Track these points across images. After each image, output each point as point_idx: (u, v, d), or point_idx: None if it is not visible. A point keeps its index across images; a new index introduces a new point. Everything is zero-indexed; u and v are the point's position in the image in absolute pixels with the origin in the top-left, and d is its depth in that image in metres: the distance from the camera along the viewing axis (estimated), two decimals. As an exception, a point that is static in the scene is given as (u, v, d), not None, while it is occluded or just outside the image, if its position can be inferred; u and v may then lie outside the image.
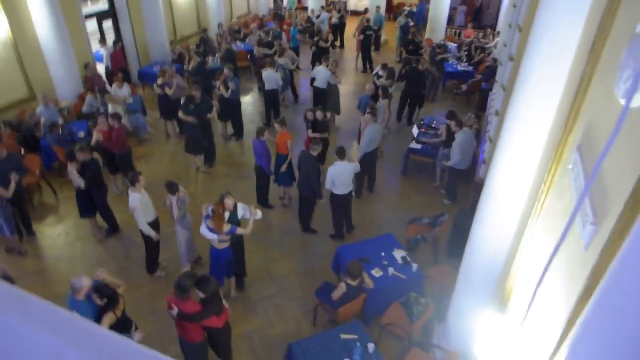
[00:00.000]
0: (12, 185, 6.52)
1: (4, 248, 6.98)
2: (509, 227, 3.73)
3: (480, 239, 4.25)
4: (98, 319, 4.39)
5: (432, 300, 5.50)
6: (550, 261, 2.01)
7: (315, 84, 10.74)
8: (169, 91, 9.58)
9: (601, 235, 1.83)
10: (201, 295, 4.43)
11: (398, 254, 6.04)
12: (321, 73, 10.51)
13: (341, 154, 6.68)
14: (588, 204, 2.06)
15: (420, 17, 18.23)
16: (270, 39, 13.48)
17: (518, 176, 3.52)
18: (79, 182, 6.54)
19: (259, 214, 5.75)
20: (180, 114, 8.62)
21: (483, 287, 4.22)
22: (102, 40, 11.88)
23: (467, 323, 4.34)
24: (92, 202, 6.96)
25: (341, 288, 5.16)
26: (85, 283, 4.38)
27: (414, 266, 5.85)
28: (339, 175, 6.68)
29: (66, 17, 9.94)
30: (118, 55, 11.94)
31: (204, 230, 5.50)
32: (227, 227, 5.40)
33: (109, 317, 4.41)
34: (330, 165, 6.77)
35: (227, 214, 5.50)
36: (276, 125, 7.54)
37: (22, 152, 8.54)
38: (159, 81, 9.70)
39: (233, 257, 5.82)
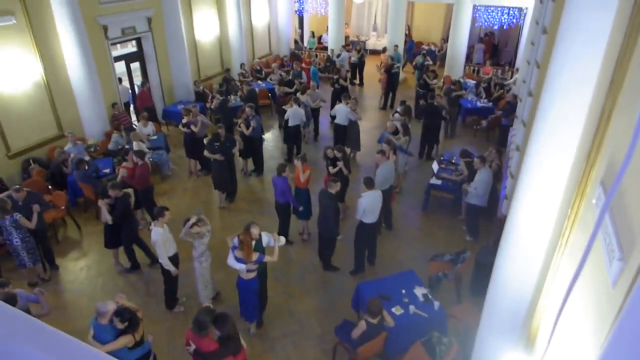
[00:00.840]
0: (35, 217, 6.74)
1: (26, 283, 7.10)
2: (534, 264, 3.63)
3: (504, 277, 4.14)
4: None
5: (455, 340, 5.32)
6: (567, 297, 1.94)
7: (336, 121, 10.90)
8: (194, 129, 9.82)
9: (628, 271, 1.77)
10: (218, 333, 4.38)
11: (419, 292, 5.90)
12: (341, 111, 10.69)
13: (370, 184, 6.77)
14: (614, 239, 2.01)
15: (411, 53, 19.29)
16: (290, 77, 13.84)
17: (541, 212, 3.45)
18: (107, 217, 6.77)
19: (282, 240, 5.95)
20: (206, 153, 8.82)
21: (508, 326, 4.07)
22: (119, 80, 12.32)
23: (492, 365, 4.17)
24: (118, 236, 7.14)
25: (361, 326, 5.04)
26: (111, 307, 4.57)
27: (436, 304, 5.70)
28: (371, 204, 6.76)
29: (97, 60, 10.45)
30: (144, 95, 12.38)
31: (231, 261, 5.59)
32: (255, 256, 5.51)
33: (126, 338, 4.51)
34: (359, 198, 6.83)
35: (253, 243, 5.59)
36: (296, 162, 7.61)
37: (50, 188, 8.81)
38: (184, 120, 9.98)
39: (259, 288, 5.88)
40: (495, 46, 19.92)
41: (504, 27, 17.36)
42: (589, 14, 2.84)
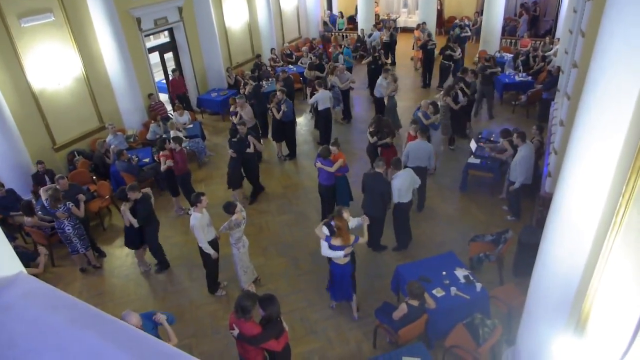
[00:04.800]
0: (82, 206, 7.06)
1: (78, 269, 7.45)
2: (583, 244, 3.47)
3: (551, 257, 3.99)
4: None
5: (499, 322, 5.22)
6: None
7: (375, 92, 11.49)
8: (234, 119, 9.78)
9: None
10: (262, 313, 4.45)
11: (460, 273, 5.81)
12: (378, 83, 11.13)
13: (397, 165, 6.85)
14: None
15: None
16: (323, 61, 13.67)
17: (591, 189, 3.28)
18: (133, 221, 6.64)
19: (367, 220, 5.95)
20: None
21: (556, 308, 3.94)
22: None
23: (539, 347, 4.07)
24: (139, 236, 7.00)
25: (402, 308, 5.02)
26: (133, 321, 4.21)
27: (478, 286, 5.60)
28: (404, 183, 6.81)
29: (132, 52, 10.67)
30: (175, 83, 12.53)
31: (326, 251, 5.58)
32: (352, 238, 5.58)
33: None
34: (392, 181, 6.87)
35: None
36: (332, 148, 7.54)
37: (94, 178, 9.15)
38: (231, 108, 10.10)
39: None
40: (534, 17, 19.03)
41: (543, -4, 16.55)
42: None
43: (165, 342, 4.33)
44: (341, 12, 21.34)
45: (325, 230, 5.56)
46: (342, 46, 14.89)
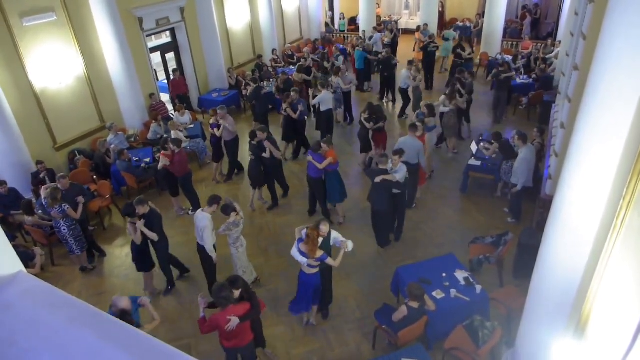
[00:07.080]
0: (80, 208, 7.03)
1: (78, 268, 7.45)
2: (584, 247, 3.47)
3: (551, 260, 4.00)
4: None
5: (499, 325, 5.21)
6: None
7: (400, 85, 12.01)
8: (217, 132, 9.26)
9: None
10: (236, 293, 4.63)
11: (460, 275, 5.81)
12: (402, 74, 11.79)
13: (400, 153, 7.02)
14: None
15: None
16: (326, 62, 13.66)
17: (592, 192, 3.28)
18: (152, 235, 6.18)
19: (349, 246, 5.49)
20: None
21: (556, 311, 3.94)
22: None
23: (539, 349, 4.07)
24: (149, 256, 6.60)
25: (402, 310, 5.02)
26: (121, 305, 4.56)
27: (478, 288, 5.59)
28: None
29: (133, 52, 10.68)
30: (176, 83, 12.53)
31: (294, 252, 5.47)
32: (319, 254, 5.29)
33: None
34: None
35: (320, 240, 5.35)
36: (323, 145, 7.55)
37: (95, 178, 9.14)
38: (211, 120, 9.45)
39: (321, 285, 5.72)
40: (536, 19, 19.02)
41: (544, -2, 16.55)
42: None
43: (148, 323, 4.67)
44: (342, 14, 21.35)
45: (304, 234, 5.43)
46: (355, 47, 14.97)
